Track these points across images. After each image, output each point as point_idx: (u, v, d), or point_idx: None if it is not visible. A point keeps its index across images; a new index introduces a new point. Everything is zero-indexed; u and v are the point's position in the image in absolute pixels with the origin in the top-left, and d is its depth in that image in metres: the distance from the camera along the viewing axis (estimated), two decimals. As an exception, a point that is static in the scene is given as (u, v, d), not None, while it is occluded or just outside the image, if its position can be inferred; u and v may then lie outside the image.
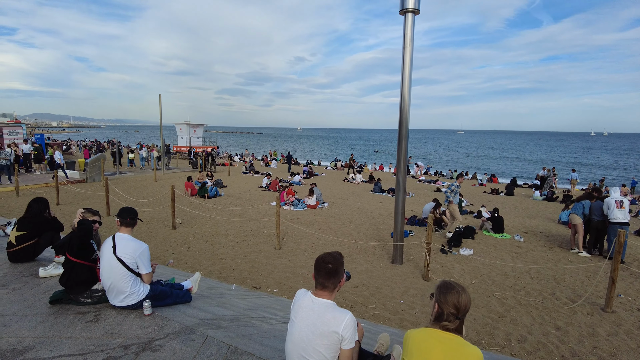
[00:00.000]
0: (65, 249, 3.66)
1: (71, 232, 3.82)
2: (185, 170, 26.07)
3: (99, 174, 19.01)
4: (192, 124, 38.22)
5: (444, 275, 7.94)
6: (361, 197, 18.41)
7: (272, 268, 7.97)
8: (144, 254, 3.62)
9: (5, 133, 23.65)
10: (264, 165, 34.92)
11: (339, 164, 35.94)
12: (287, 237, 10.29)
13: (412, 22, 8.14)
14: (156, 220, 11.57)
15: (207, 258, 8.46)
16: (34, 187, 16.37)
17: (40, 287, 4.24)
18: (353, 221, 12.57)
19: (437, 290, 2.21)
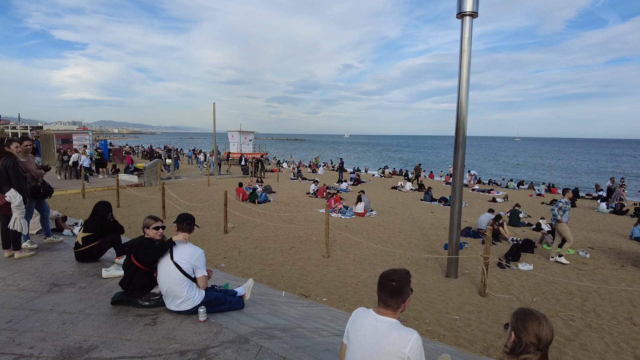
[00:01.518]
0: (132, 252, 3.76)
1: (143, 239, 3.89)
2: (236, 175, 26.78)
3: (155, 178, 19.95)
4: (243, 131, 39.28)
5: (502, 291, 7.48)
6: (411, 205, 17.97)
7: (321, 276, 7.88)
8: (200, 258, 3.66)
9: (74, 139, 25.51)
10: (311, 172, 35.15)
11: (387, 171, 35.42)
12: (335, 245, 10.18)
13: (469, 25, 7.84)
14: (209, 224, 11.89)
15: (257, 263, 8.53)
16: (98, 190, 17.45)
17: (102, 287, 4.41)
18: (403, 231, 12.24)
19: (513, 317, 2.00)
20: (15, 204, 5.35)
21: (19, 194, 5.41)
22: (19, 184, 5.47)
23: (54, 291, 4.28)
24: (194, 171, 29.68)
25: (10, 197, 5.33)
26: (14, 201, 5.34)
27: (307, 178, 28.10)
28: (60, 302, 3.98)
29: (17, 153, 5.61)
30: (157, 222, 4.05)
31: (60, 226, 7.38)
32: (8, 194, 5.33)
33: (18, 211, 5.39)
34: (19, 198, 5.39)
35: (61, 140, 25.04)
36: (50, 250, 6.04)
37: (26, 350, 3.10)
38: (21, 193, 5.44)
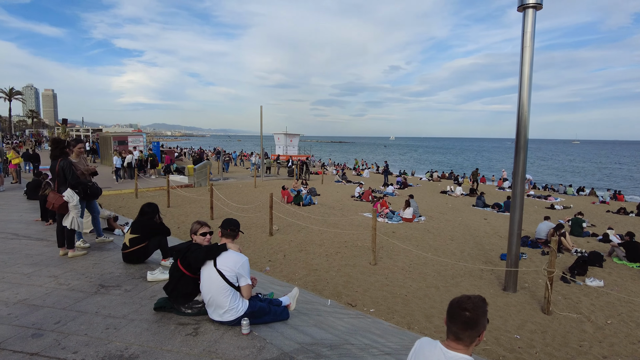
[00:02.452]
0: (179, 257, 3.64)
1: (191, 244, 3.76)
2: (282, 178, 26.92)
3: (205, 180, 20.40)
4: (289, 133, 39.57)
5: (569, 309, 6.77)
6: (462, 211, 17.13)
7: (368, 285, 7.54)
8: (244, 266, 3.46)
9: (129, 141, 26.75)
10: (355, 175, 34.72)
11: (435, 174, 34.28)
12: (382, 251, 9.78)
13: (532, 18, 7.23)
14: (254, 226, 11.88)
15: (302, 268, 8.33)
16: (150, 190, 18.08)
17: (147, 291, 4.34)
18: (455, 239, 11.60)
19: None
20: (72, 204, 5.48)
21: (75, 194, 5.54)
22: (76, 184, 5.60)
23: (100, 293, 4.27)
24: (241, 173, 30.21)
25: (68, 196, 5.46)
26: (72, 201, 5.47)
27: (351, 181, 27.74)
28: (106, 305, 3.94)
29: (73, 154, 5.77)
30: (205, 227, 3.91)
31: (111, 226, 7.56)
32: (66, 194, 5.46)
33: (75, 210, 5.52)
34: (76, 198, 5.51)
35: (118, 142, 26.33)
36: (101, 250, 6.15)
37: (70, 355, 3.03)
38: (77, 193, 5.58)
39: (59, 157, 5.55)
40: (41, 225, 8.05)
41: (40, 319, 3.66)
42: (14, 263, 5.44)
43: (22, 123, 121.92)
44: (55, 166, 5.52)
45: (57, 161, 5.54)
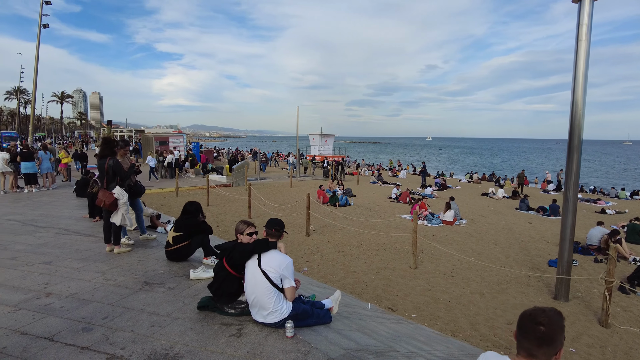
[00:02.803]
0: (225, 255, 3.61)
1: (237, 243, 3.73)
2: (317, 178, 26.93)
3: (242, 179, 20.70)
4: (324, 134, 39.64)
5: (631, 323, 6.28)
6: (505, 215, 16.45)
7: (409, 289, 7.31)
8: (289, 267, 3.38)
9: (170, 141, 27.59)
10: (391, 176, 34.22)
11: (475, 176, 33.23)
12: (423, 255, 9.50)
13: (589, 9, 6.79)
14: (291, 226, 11.87)
15: (339, 269, 8.20)
16: (190, 189, 18.51)
17: (190, 289, 4.36)
18: (499, 243, 11.12)
19: None
20: (122, 201, 5.63)
21: (125, 191, 5.70)
22: (123, 182, 5.76)
23: (145, 290, 4.33)
24: (277, 173, 30.47)
25: (118, 194, 5.62)
26: (122, 198, 5.63)
27: (387, 182, 27.35)
28: (151, 302, 3.98)
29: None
30: (251, 227, 3.86)
31: (154, 223, 7.73)
32: (116, 191, 5.62)
33: (124, 207, 5.68)
34: (126, 195, 5.67)
35: (159, 142, 27.20)
36: (144, 247, 6.28)
37: (118, 350, 3.05)
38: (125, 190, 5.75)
39: (107, 156, 5.72)
40: (89, 222, 8.36)
41: (89, 313, 3.74)
42: (66, 257, 5.64)
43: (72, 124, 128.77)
44: (103, 164, 5.69)
45: (105, 160, 5.71)
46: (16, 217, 8.80)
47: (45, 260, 5.51)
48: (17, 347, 3.13)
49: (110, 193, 5.56)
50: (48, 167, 13.98)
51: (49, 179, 14.34)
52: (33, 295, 4.19)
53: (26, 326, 3.49)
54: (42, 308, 3.85)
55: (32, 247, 6.21)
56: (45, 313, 3.74)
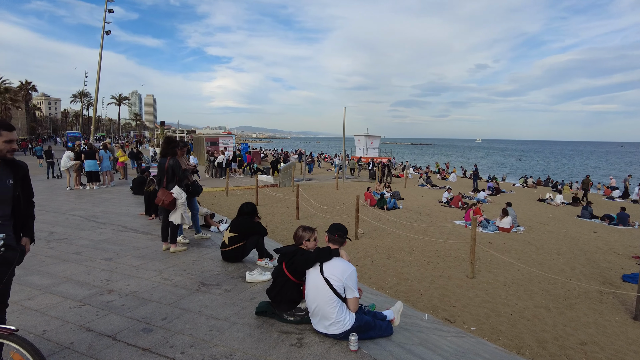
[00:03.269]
0: (285, 260, 3.48)
1: (298, 249, 3.60)
2: (362, 180, 26.60)
3: (289, 180, 20.80)
4: (369, 135, 39.17)
5: None
6: (565, 222, 15.37)
7: (467, 300, 6.90)
8: (352, 276, 3.19)
9: (220, 142, 28.29)
10: (440, 179, 33.18)
11: (530, 180, 31.52)
12: (480, 263, 8.99)
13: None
14: (339, 229, 11.67)
15: (391, 276, 7.91)
16: (239, 189, 18.82)
17: (246, 292, 4.28)
18: (562, 253, 10.34)
19: None
20: (181, 201, 5.71)
21: (183, 191, 5.78)
22: (181, 182, 5.84)
23: (202, 291, 4.30)
24: (322, 174, 30.44)
25: (177, 193, 5.70)
26: (181, 198, 5.70)
27: (437, 185, 26.52)
28: (208, 305, 3.93)
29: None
30: (314, 233, 3.70)
31: (208, 223, 7.81)
32: (175, 191, 5.70)
33: (183, 207, 5.75)
34: (184, 195, 5.75)
35: (210, 142, 27.97)
36: (199, 246, 6.33)
37: (178, 355, 3.00)
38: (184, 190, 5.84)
39: (168, 155, 5.81)
40: (145, 220, 8.61)
41: (149, 313, 3.74)
42: (125, 254, 5.78)
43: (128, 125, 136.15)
44: (164, 163, 5.78)
45: (166, 159, 5.80)
46: (80, 213, 9.24)
47: (106, 256, 5.68)
48: (82, 344, 3.16)
49: (169, 192, 5.64)
50: (108, 165, 14.71)
51: (108, 177, 15.08)
52: (96, 291, 4.28)
53: (91, 322, 3.54)
54: (105, 305, 3.91)
55: (94, 243, 6.44)
56: (108, 310, 3.79)
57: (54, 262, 5.38)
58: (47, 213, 9.29)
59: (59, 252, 5.94)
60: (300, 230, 3.70)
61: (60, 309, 3.82)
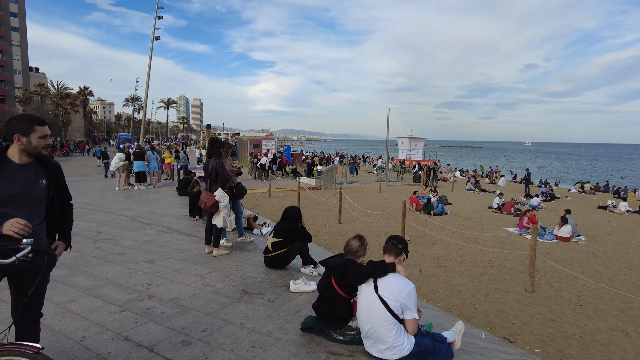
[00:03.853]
0: (334, 274, 3.15)
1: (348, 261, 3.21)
2: (406, 183, 25.85)
3: (331, 182, 20.52)
4: (413, 137, 38.22)
5: None
6: (634, 233, 14.02)
7: (527, 317, 6.27)
8: (411, 295, 2.81)
9: (263, 144, 28.53)
10: (489, 183, 31.69)
11: (588, 186, 29.42)
12: (538, 276, 8.24)
13: None
14: (383, 234, 11.22)
15: (442, 287, 7.39)
16: (281, 190, 18.76)
17: (291, 303, 3.99)
18: (634, 268, 9.32)
19: None
20: (223, 203, 5.54)
21: (226, 194, 5.61)
22: (225, 184, 5.68)
23: (244, 300, 4.05)
24: (364, 177, 29.95)
25: (220, 196, 5.54)
26: (223, 200, 5.54)
27: (485, 190, 25.30)
28: (250, 316, 3.67)
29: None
30: (365, 243, 3.33)
31: (251, 225, 7.65)
32: (217, 194, 5.54)
33: (225, 210, 5.59)
34: (227, 198, 5.58)
35: (253, 145, 28.26)
36: (242, 250, 6.13)
37: (217, 374, 2.74)
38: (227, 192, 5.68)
39: (213, 157, 5.68)
40: (189, 221, 8.59)
41: (188, 323, 3.53)
42: (167, 257, 5.68)
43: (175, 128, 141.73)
44: (208, 165, 5.65)
45: (210, 160, 5.67)
46: (127, 213, 9.39)
47: (149, 258, 5.60)
48: (120, 354, 2.99)
49: (212, 195, 5.49)
50: (155, 166, 15.07)
51: (156, 177, 15.45)
52: (137, 296, 4.15)
53: (129, 331, 3.38)
54: (145, 312, 3.75)
55: (138, 244, 6.42)
56: (147, 318, 3.62)
57: (99, 263, 5.36)
58: (97, 212, 9.52)
59: (104, 252, 5.95)
60: (354, 242, 3.30)
61: (101, 314, 3.70)
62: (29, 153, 2.36)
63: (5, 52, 66.77)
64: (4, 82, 66.65)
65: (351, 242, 3.30)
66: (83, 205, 10.70)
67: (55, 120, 53.99)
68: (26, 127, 2.32)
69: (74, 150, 47.41)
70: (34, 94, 63.37)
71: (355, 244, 3.27)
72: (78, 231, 7.43)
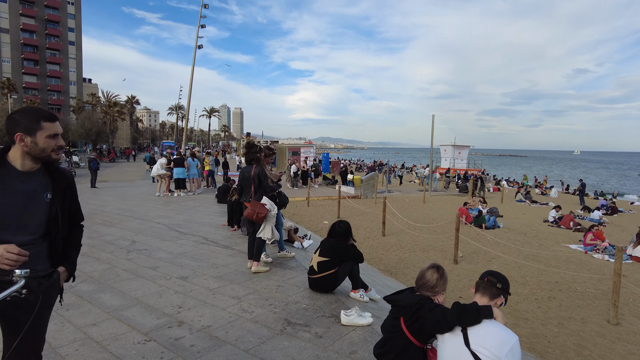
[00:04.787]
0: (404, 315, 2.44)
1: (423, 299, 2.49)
2: (451, 193, 24.60)
3: (372, 192, 19.72)
4: (457, 145, 36.72)
5: None
6: None
7: (614, 356, 5.28)
8: (515, 351, 2.06)
9: (302, 152, 28.23)
10: (539, 194, 29.70)
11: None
12: (621, 304, 7.12)
13: None
14: (433, 249, 10.34)
15: (506, 314, 6.46)
16: (319, 199, 18.18)
17: (343, 341, 3.31)
18: None
19: None
20: (273, 212, 5.03)
21: (275, 203, 5.11)
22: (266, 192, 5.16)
23: (287, 333, 3.43)
24: (405, 186, 28.90)
25: (269, 205, 5.06)
26: (273, 209, 5.05)
27: (537, 201, 23.61)
28: (295, 356, 3.03)
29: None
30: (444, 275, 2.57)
31: (291, 238, 7.07)
32: (266, 202, 5.05)
33: (272, 220, 5.07)
34: (276, 207, 5.07)
35: (292, 152, 27.98)
36: (283, 267, 5.53)
37: None
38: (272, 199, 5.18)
39: (252, 162, 5.18)
40: (227, 231, 8.14)
41: (222, 361, 2.95)
42: (202, 273, 5.18)
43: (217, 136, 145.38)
44: (248, 172, 5.16)
45: (251, 167, 5.17)
46: (164, 221, 9.09)
47: (183, 274, 5.11)
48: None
49: (262, 204, 4.96)
50: (194, 173, 14.90)
51: (195, 184, 15.29)
52: (166, 321, 3.63)
53: (152, 368, 2.83)
54: (172, 343, 3.21)
55: (172, 257, 5.97)
56: (175, 352, 3.07)
57: (129, 278, 4.93)
58: (134, 220, 9.30)
59: (136, 264, 5.54)
60: (430, 274, 2.54)
61: (123, 344, 3.19)
62: (35, 157, 1.86)
63: (62, 65, 70.97)
64: (60, 93, 70.79)
65: (426, 273, 2.56)
66: (122, 211, 10.57)
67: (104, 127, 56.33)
68: (31, 123, 1.81)
69: (120, 157, 49.18)
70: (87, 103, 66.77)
71: (432, 276, 2.53)
72: (113, 240, 7.13)
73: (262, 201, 5.01)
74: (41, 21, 67.81)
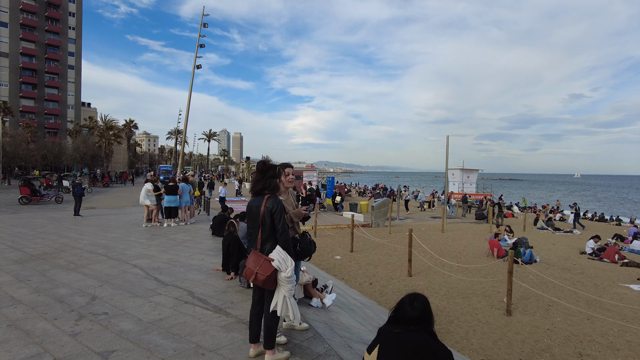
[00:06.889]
0: None
1: None
2: (467, 221, 22.77)
3: (384, 220, 17.90)
4: (466, 169, 35.08)
5: None
6: None
7: None
8: None
9: (304, 176, 26.61)
10: (557, 220, 27.84)
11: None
12: None
13: None
14: (475, 295, 8.45)
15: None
16: (327, 228, 16.36)
17: None
18: None
19: None
20: (286, 274, 3.16)
21: (289, 255, 3.26)
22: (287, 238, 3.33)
23: None
24: (415, 213, 27.13)
25: (280, 261, 3.18)
26: (286, 268, 3.17)
27: (559, 228, 21.78)
28: None
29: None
30: None
31: (308, 292, 5.23)
32: (277, 257, 3.20)
33: (289, 286, 3.20)
34: (292, 264, 3.20)
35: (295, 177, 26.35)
36: (302, 351, 3.67)
37: None
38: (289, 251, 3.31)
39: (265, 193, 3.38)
40: (221, 279, 6.28)
41: None
42: (179, 363, 3.34)
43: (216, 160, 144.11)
44: (257, 206, 3.36)
45: (262, 198, 3.37)
46: (143, 263, 7.26)
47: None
48: None
49: (268, 259, 3.16)
50: (187, 200, 13.10)
51: (189, 213, 13.49)
52: None
53: None
54: None
55: (139, 330, 4.10)
56: None
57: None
58: (106, 260, 7.46)
59: (80, 348, 3.66)
60: None
61: None
62: None
63: (61, 89, 70.16)
64: (57, 117, 69.67)
65: None
66: (96, 248, 8.73)
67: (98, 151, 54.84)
68: None
69: (115, 181, 47.41)
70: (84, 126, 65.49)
71: None
72: (66, 294, 5.26)
73: (270, 255, 3.20)
74: (41, 45, 67.35)
